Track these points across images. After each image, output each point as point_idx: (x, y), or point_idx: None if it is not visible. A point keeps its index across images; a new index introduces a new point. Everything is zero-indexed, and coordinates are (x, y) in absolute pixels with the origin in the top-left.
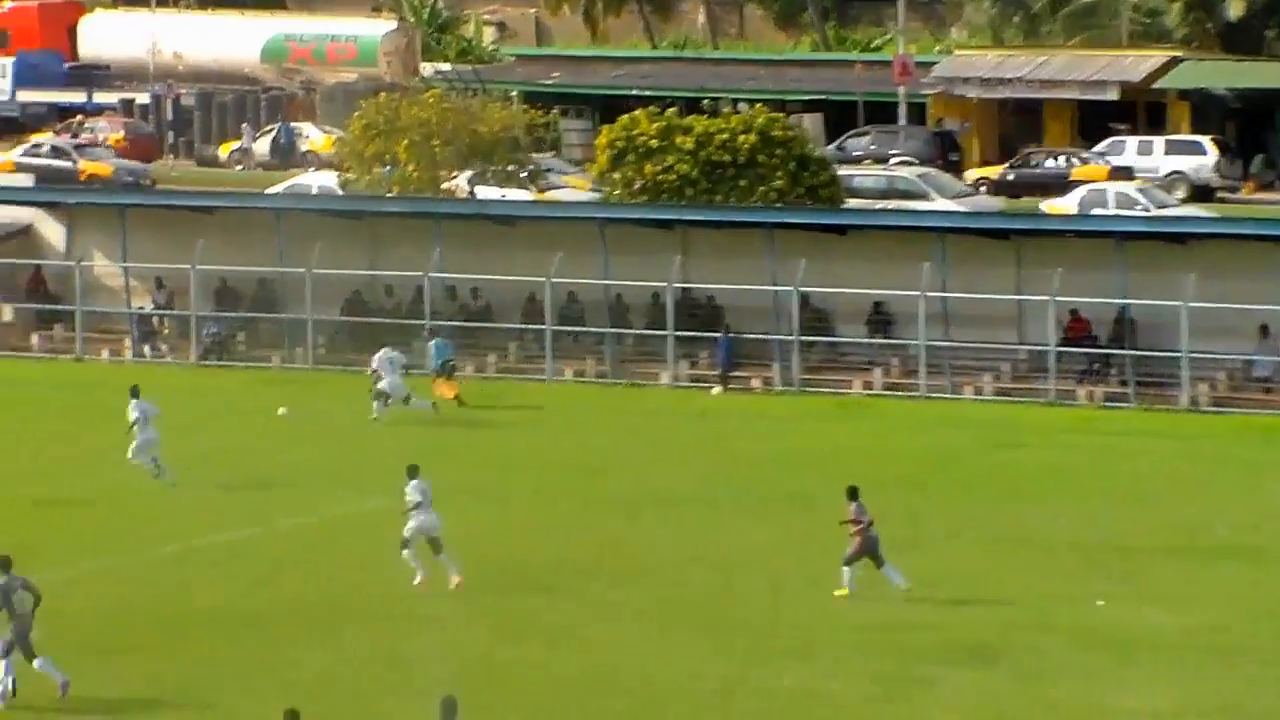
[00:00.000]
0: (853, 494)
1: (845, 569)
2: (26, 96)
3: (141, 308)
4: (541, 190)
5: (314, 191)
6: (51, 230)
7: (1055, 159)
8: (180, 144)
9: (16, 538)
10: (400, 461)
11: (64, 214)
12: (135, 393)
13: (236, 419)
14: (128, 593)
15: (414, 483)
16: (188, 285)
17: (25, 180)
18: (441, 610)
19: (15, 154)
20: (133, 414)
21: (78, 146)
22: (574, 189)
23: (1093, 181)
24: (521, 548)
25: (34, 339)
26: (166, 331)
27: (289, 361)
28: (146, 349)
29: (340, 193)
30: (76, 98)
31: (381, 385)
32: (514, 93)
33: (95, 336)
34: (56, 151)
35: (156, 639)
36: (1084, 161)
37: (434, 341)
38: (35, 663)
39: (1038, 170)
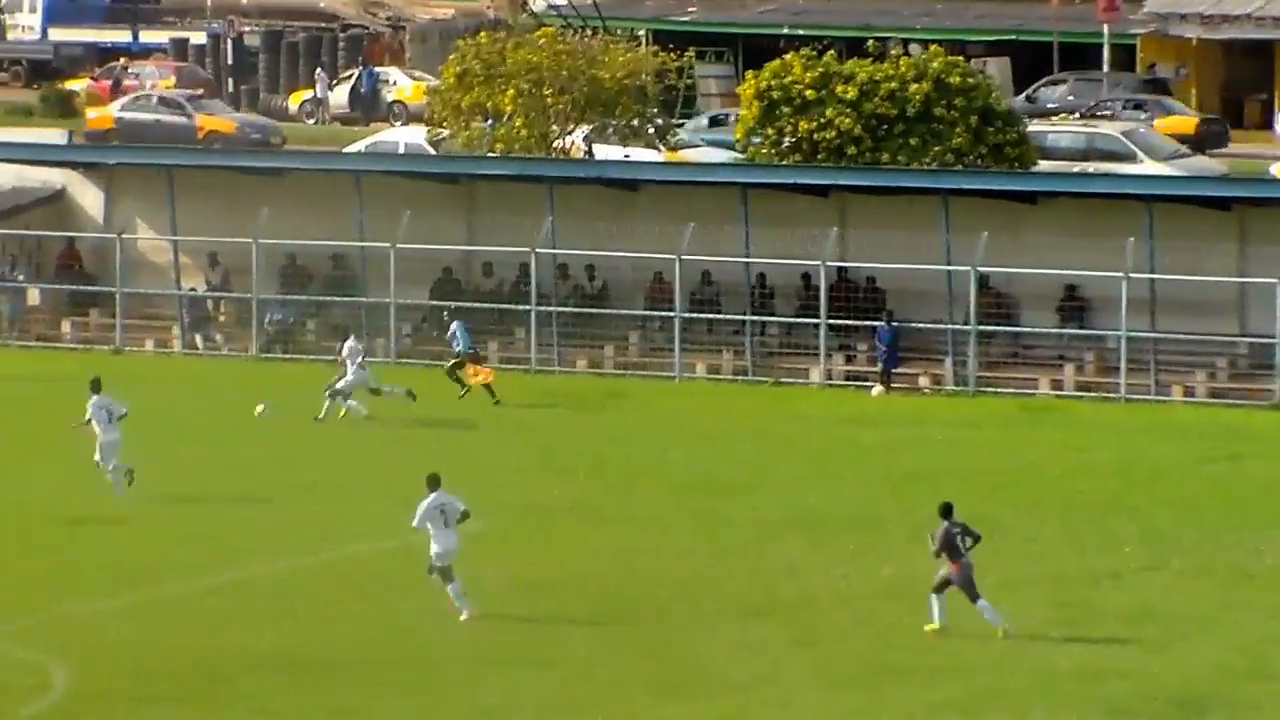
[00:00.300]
0: (945, 512)
1: (933, 598)
2: (60, 35)
3: (193, 289)
4: (672, 149)
5: (400, 150)
6: (88, 196)
7: None
8: (242, 93)
9: (46, 563)
10: (497, 477)
11: (101, 176)
12: (96, 387)
13: (303, 422)
14: (168, 630)
15: (434, 496)
16: (248, 263)
17: (57, 135)
18: (547, 652)
19: (115, 107)
20: (88, 412)
21: (192, 98)
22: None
23: None
24: (644, 576)
25: (65, 326)
26: (223, 318)
27: (368, 354)
28: (198, 338)
29: (432, 152)
30: (119, 37)
31: (340, 384)
32: (641, 32)
33: (138, 324)
34: (166, 104)
35: (201, 687)
36: None
37: (458, 324)
38: None
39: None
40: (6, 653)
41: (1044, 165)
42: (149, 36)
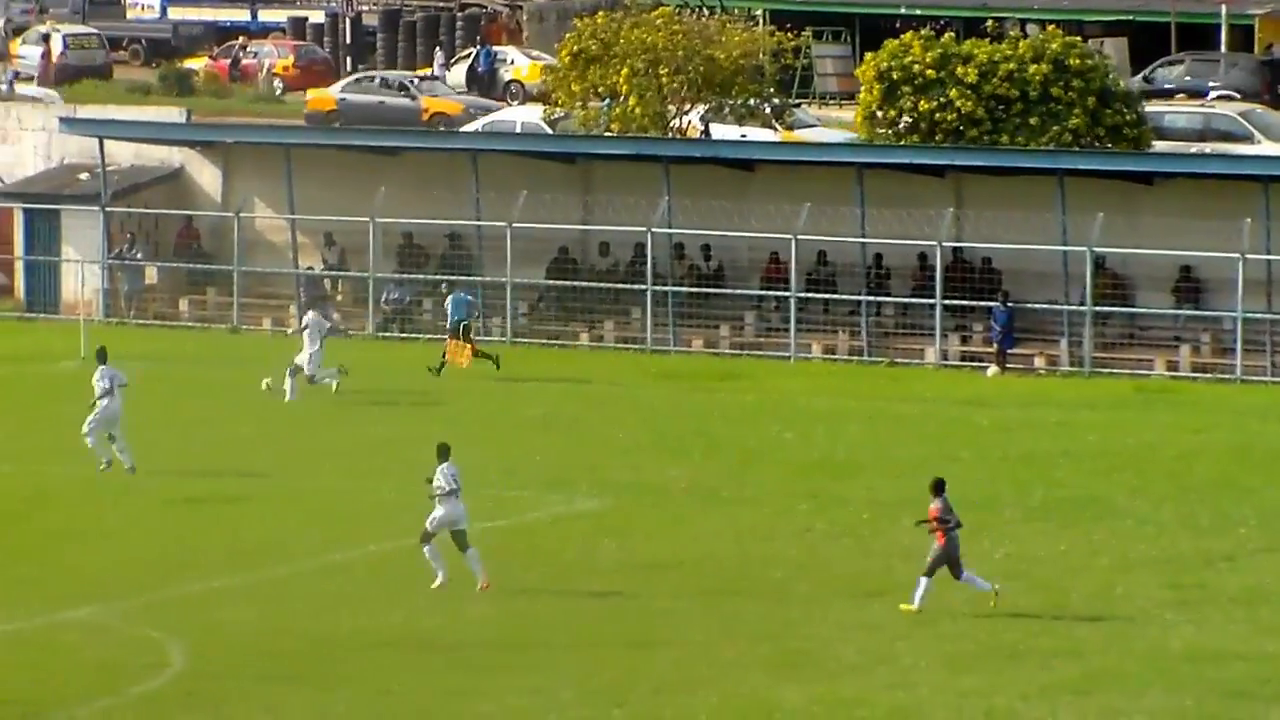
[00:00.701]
0: (938, 488)
1: (922, 580)
2: (179, 14)
3: (310, 268)
4: (788, 129)
5: (517, 130)
6: (206, 175)
7: None
8: (360, 72)
9: (164, 542)
10: (612, 457)
11: (219, 155)
12: (102, 356)
13: (416, 401)
14: (284, 610)
15: (444, 466)
16: (365, 242)
17: (176, 114)
18: (662, 633)
19: (336, 89)
20: (100, 383)
21: (423, 78)
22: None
23: None
24: (759, 557)
25: (183, 305)
26: (339, 297)
27: (484, 333)
28: None
29: (548, 131)
30: (238, 15)
31: (299, 358)
32: (758, 11)
33: (254, 302)
34: (389, 85)
35: (323, 666)
36: None
37: (452, 296)
38: None
39: None
40: (124, 631)
41: (1160, 145)
42: (268, 15)
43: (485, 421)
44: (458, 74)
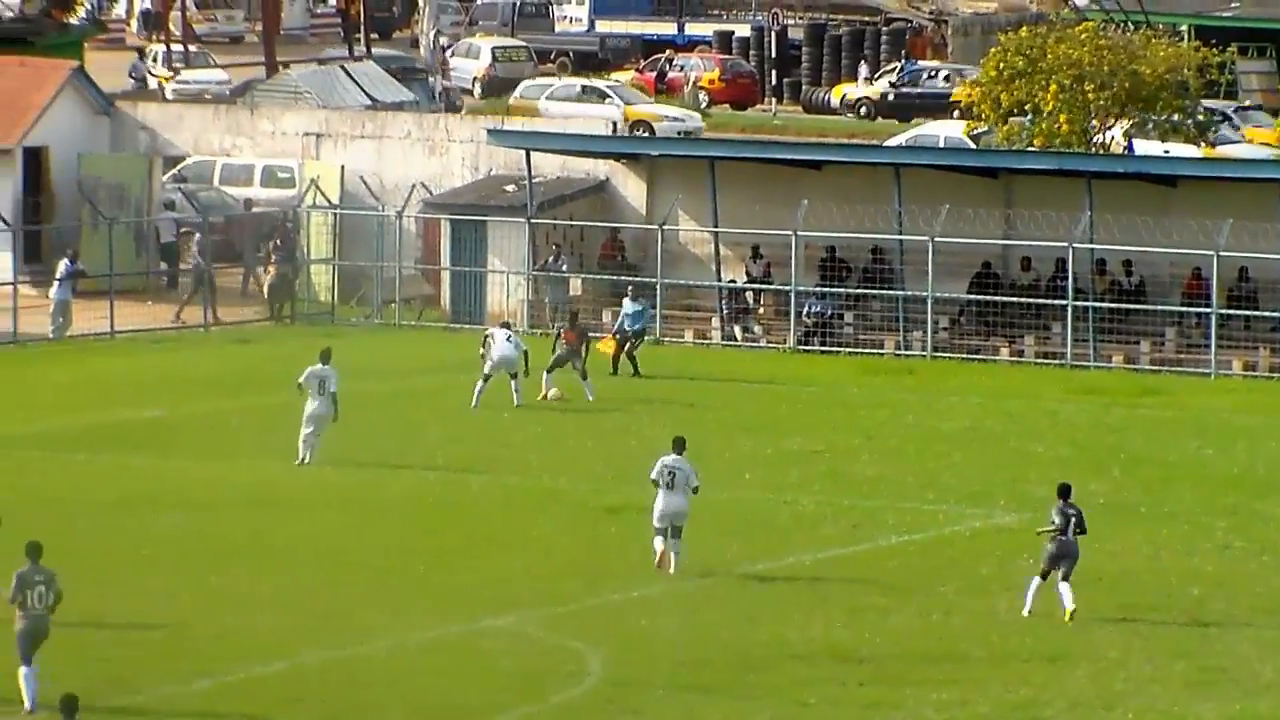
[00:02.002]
0: (1062, 492)
1: (1036, 581)
2: (607, 27)
3: (733, 280)
4: (1211, 145)
5: (940, 144)
6: (631, 187)
7: None
8: (785, 86)
9: (583, 551)
10: (1030, 471)
11: (644, 167)
12: (325, 357)
13: (836, 413)
14: (708, 620)
15: (674, 456)
16: (787, 254)
17: (600, 126)
18: (1079, 648)
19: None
20: (310, 381)
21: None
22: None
23: None
24: (1177, 573)
25: (605, 316)
26: (761, 309)
27: (904, 347)
28: (737, 330)
29: (971, 145)
30: (665, 29)
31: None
32: (1183, 27)
33: (677, 314)
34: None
35: (740, 677)
36: None
37: (629, 302)
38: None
39: None
40: (544, 639)
41: None
42: (694, 29)
43: (904, 435)
44: (881, 86)
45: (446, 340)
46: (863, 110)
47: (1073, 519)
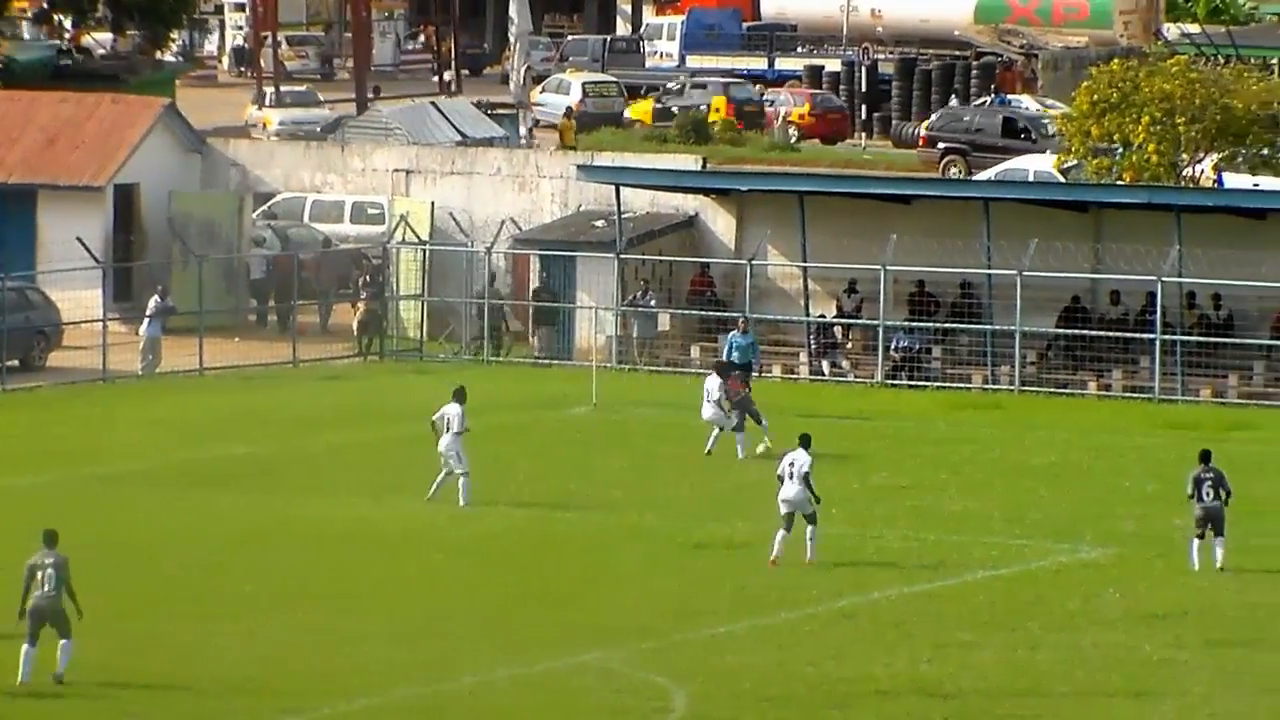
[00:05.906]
0: (1203, 457)
1: (1195, 541)
2: (697, 62)
3: (822, 315)
4: None
5: (1030, 178)
6: (720, 222)
7: None
8: (874, 120)
9: (669, 587)
10: (1118, 506)
11: (733, 202)
12: (459, 396)
13: (923, 448)
14: (789, 656)
15: (798, 451)
16: (875, 289)
17: (691, 161)
18: (1162, 684)
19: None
20: (442, 419)
21: None
22: None
23: None
24: (1266, 608)
25: (694, 352)
26: (850, 345)
27: (992, 382)
28: (825, 365)
29: (1060, 179)
30: (755, 64)
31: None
32: (1274, 61)
33: (765, 349)
34: None
35: (824, 713)
36: None
37: (738, 335)
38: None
39: None
40: (629, 675)
41: None
42: (784, 64)
43: (991, 469)
44: None
45: (536, 376)
46: None
47: (1207, 483)
